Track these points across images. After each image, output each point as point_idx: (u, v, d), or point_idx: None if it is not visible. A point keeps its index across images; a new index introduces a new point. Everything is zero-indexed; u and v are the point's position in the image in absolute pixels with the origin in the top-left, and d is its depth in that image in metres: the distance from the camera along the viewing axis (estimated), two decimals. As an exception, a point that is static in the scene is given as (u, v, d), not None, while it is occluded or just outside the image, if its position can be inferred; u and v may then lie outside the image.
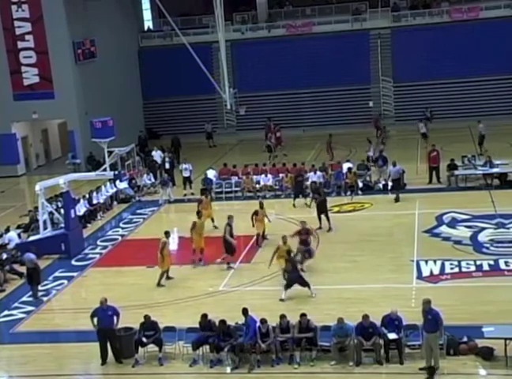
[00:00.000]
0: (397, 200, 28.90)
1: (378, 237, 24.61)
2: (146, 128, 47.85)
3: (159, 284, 21.89)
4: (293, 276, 20.27)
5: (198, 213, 24.50)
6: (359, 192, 30.58)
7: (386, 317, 16.49)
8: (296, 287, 20.11)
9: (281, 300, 19.87)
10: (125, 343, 17.15)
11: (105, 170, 31.52)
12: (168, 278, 22.21)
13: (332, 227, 25.88)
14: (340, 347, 16.44)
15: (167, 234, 22.44)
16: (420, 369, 15.82)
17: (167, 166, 35.01)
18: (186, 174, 32.99)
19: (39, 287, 22.27)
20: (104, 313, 17.12)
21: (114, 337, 17.10)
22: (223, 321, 16.92)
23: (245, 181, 32.02)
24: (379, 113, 44.36)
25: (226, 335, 16.74)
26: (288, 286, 20.20)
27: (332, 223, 25.96)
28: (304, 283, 20.20)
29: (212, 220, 26.84)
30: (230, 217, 23.63)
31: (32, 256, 22.31)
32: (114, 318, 17.20)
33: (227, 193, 31.99)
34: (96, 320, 17.20)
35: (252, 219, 24.95)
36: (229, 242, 23.03)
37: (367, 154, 34.87)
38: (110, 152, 33.25)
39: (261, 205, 25.46)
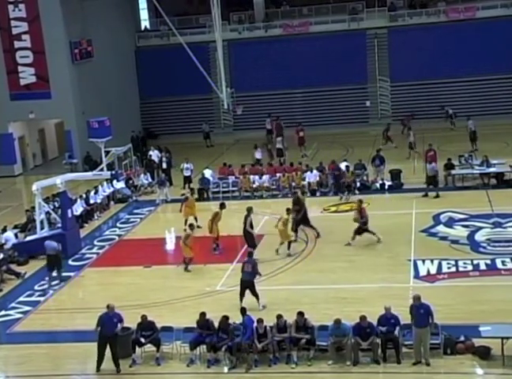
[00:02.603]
0: (436, 196, 29.01)
1: (375, 236, 24.58)
2: (143, 128, 47.85)
3: (186, 269, 22.83)
4: (248, 279, 19.48)
5: (222, 205, 24.87)
6: (356, 191, 30.58)
7: (382, 316, 16.48)
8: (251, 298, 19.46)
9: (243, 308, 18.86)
10: (122, 343, 17.11)
11: (102, 170, 31.53)
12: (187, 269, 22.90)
13: (297, 239, 24.80)
14: (337, 347, 16.45)
15: (191, 226, 23.37)
16: (414, 363, 15.95)
17: (165, 165, 35.01)
18: (186, 173, 33.06)
19: (35, 288, 22.31)
20: (110, 320, 16.80)
21: (115, 343, 16.79)
22: (226, 317, 16.96)
23: (242, 181, 32.04)
24: (411, 112, 44.15)
25: (224, 332, 16.73)
26: (242, 294, 19.38)
27: (298, 236, 25.00)
28: (254, 293, 19.42)
29: (196, 220, 26.74)
30: (249, 209, 23.74)
31: (54, 243, 22.92)
32: (119, 325, 16.96)
33: (224, 192, 32.03)
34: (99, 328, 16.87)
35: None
36: (251, 233, 23.30)
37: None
38: (107, 152, 33.25)
39: (303, 192, 26.58)
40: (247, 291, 19.44)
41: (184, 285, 21.71)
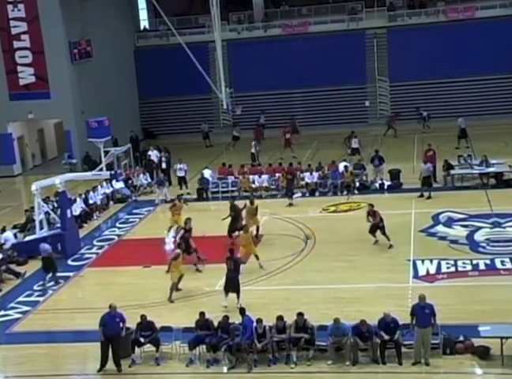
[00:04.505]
0: (428, 197, 28.84)
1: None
2: (142, 128, 47.86)
3: (169, 299, 20.57)
4: (232, 277, 19.61)
5: (186, 219, 23.96)
6: (356, 191, 30.60)
7: (381, 321, 16.41)
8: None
9: (224, 307, 19.17)
10: (121, 343, 17.09)
11: (101, 170, 31.49)
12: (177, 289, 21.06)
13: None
14: (336, 347, 16.45)
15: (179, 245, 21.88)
16: (413, 363, 15.94)
17: (164, 166, 35.01)
18: (180, 173, 33.01)
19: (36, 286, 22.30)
20: (113, 320, 16.76)
21: (118, 344, 16.76)
22: (227, 317, 17.00)
23: (241, 181, 32.05)
24: (396, 112, 44.18)
25: (224, 332, 16.74)
26: (227, 290, 19.54)
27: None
28: (237, 291, 19.53)
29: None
30: (187, 219, 23.62)
31: (46, 246, 22.99)
32: (121, 325, 16.92)
33: (223, 192, 32.04)
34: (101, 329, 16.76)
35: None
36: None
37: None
38: (106, 152, 33.22)
39: (252, 202, 25.34)
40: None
41: (183, 285, 21.67)
